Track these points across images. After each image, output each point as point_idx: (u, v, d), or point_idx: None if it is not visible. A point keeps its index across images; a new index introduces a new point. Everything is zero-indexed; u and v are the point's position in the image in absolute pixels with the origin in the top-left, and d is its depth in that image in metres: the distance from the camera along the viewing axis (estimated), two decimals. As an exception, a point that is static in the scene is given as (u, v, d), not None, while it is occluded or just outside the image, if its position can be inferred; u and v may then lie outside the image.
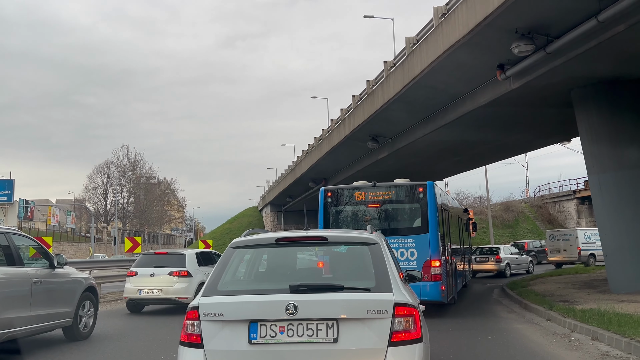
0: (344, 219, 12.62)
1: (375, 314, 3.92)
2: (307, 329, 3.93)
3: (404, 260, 11.44)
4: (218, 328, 4.00)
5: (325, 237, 4.68)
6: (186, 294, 12.79)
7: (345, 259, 4.81)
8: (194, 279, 13.17)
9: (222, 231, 54.25)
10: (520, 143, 22.95)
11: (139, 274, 13.36)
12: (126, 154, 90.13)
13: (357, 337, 3.91)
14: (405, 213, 12.54)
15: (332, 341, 3.90)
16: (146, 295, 13.10)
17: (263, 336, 3.94)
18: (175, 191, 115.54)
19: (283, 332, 3.94)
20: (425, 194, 11.94)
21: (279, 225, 52.22)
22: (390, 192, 12.52)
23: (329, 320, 3.94)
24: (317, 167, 30.89)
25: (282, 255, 4.77)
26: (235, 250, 4.62)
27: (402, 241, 11.72)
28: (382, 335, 3.90)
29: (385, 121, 20.41)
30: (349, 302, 4.01)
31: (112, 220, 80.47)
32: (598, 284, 16.77)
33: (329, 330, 3.92)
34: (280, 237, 4.62)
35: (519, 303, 13.58)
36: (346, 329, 3.92)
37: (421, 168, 28.62)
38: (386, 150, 23.42)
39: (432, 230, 11.73)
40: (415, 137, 20.41)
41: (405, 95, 16.91)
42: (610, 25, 10.34)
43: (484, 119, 17.93)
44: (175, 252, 14.57)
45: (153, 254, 14.68)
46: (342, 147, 25.05)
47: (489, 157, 27.20)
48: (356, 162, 27.60)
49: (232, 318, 4.00)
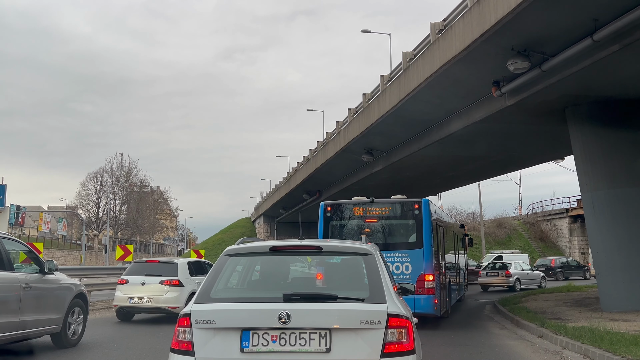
0: (342, 233, 12.90)
1: (369, 325, 3.84)
2: (300, 339, 3.85)
3: (399, 274, 11.68)
4: (210, 336, 3.91)
5: (319, 247, 4.54)
6: (177, 304, 12.63)
7: (339, 269, 4.77)
8: (185, 288, 13.03)
9: (215, 241, 53.99)
10: (514, 160, 23.07)
11: (130, 282, 13.24)
12: (120, 162, 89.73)
13: (350, 347, 3.83)
14: (401, 228, 12.79)
15: (325, 351, 3.81)
16: (136, 303, 12.96)
17: (255, 344, 3.85)
18: (168, 200, 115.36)
19: (275, 341, 3.85)
20: (420, 211, 12.25)
21: (272, 237, 52.06)
22: (387, 208, 12.77)
23: (322, 330, 3.85)
24: (311, 179, 30.91)
25: (276, 263, 4.66)
26: (229, 258, 4.53)
27: (398, 255, 11.99)
28: (375, 346, 3.81)
29: (381, 135, 20.47)
30: (343, 312, 3.93)
31: (104, 228, 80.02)
32: (590, 302, 16.78)
33: (321, 340, 3.84)
34: (275, 246, 4.53)
35: (511, 320, 13.56)
36: (339, 339, 3.84)
37: (415, 182, 28.70)
38: (381, 163, 23.47)
39: (426, 246, 12.04)
40: (410, 151, 20.47)
41: (401, 109, 16.99)
42: (605, 45, 10.47)
43: (478, 135, 18.02)
44: (167, 261, 14.50)
45: (144, 262, 14.59)
46: (337, 160, 25.10)
47: (482, 174, 27.32)
48: (351, 174, 27.64)
49: (224, 326, 3.91)
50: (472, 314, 16.43)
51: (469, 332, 12.10)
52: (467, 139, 18.50)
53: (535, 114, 15.12)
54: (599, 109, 13.92)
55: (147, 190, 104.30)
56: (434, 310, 11.85)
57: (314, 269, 4.86)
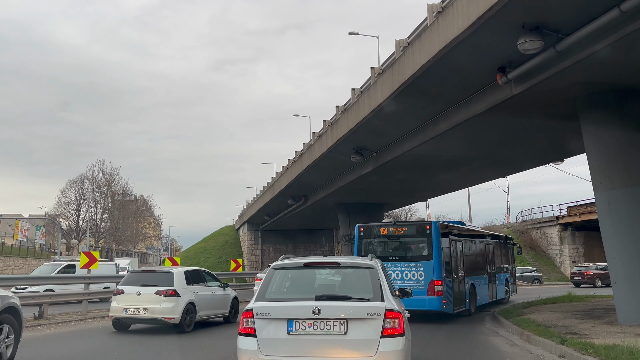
0: (371, 248, 15.96)
1: (372, 316, 5.63)
2: (327, 325, 5.61)
3: (415, 280, 14.75)
4: (266, 323, 5.69)
5: (338, 262, 6.49)
6: (173, 314, 12.52)
7: (352, 278, 6.40)
8: (181, 299, 12.81)
9: (197, 250, 52.13)
10: (513, 161, 21.69)
11: (126, 292, 12.90)
12: (101, 169, 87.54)
13: (360, 331, 5.60)
14: (416, 244, 15.67)
15: (344, 333, 5.59)
16: (132, 314, 12.68)
17: (297, 329, 5.63)
18: (152, 208, 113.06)
19: (310, 326, 5.62)
20: (430, 230, 15.10)
21: (256, 245, 50.30)
22: (405, 229, 15.96)
23: (342, 319, 5.62)
24: (297, 183, 29.29)
25: (307, 274, 6.48)
26: (275, 271, 6.35)
27: (413, 266, 15.00)
28: (376, 330, 5.57)
29: (371, 132, 18.99)
30: (355, 308, 5.72)
31: (84, 236, 77.62)
32: (600, 313, 15.34)
33: (341, 326, 5.61)
34: (307, 262, 6.45)
35: (519, 334, 12.04)
36: (353, 325, 5.61)
37: (406, 186, 27.26)
38: (370, 165, 21.97)
39: (435, 258, 14.86)
40: (402, 150, 18.99)
41: (394, 102, 15.52)
42: (634, 17, 9.05)
43: (477, 132, 16.63)
44: (163, 271, 14.13)
45: (141, 271, 14.50)
46: (324, 161, 23.53)
47: (477, 177, 25.94)
48: (338, 177, 26.10)
49: (276, 317, 5.70)
50: (473, 327, 14.90)
51: (477, 350, 10.61)
52: (464, 136, 17.10)
53: (543, 106, 13.73)
54: (617, 100, 12.51)
55: (130, 198, 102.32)
56: (443, 308, 14.73)
57: (333, 278, 6.68)
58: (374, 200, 31.87)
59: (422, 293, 14.47)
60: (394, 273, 14.96)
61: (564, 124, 14.96)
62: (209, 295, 14.23)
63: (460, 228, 17.83)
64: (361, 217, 33.14)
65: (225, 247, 53.72)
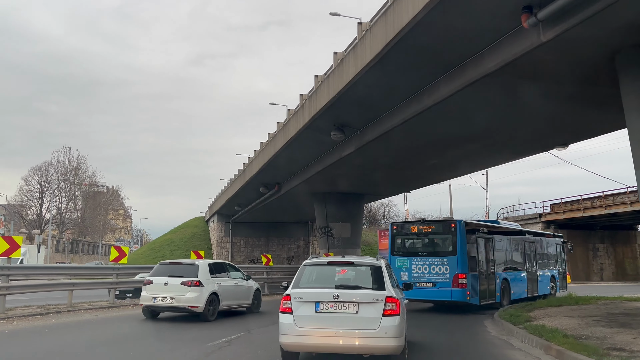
0: (403, 244, 17.43)
1: (376, 301, 7.66)
2: (343, 306, 7.65)
3: (441, 273, 16.06)
4: (300, 304, 7.76)
5: (352, 262, 8.77)
6: (197, 303, 13.58)
7: (362, 273, 8.58)
8: (205, 289, 13.85)
9: (163, 242, 48.80)
10: (513, 144, 19.09)
11: (155, 282, 13.98)
12: (68, 156, 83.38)
13: (367, 311, 7.62)
14: (442, 240, 16.80)
15: (355, 313, 7.62)
16: (160, 303, 13.77)
17: (322, 309, 7.70)
18: (122, 199, 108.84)
19: (332, 307, 7.67)
20: (455, 228, 16.24)
21: (226, 238, 47.12)
22: (433, 226, 17.14)
23: (354, 302, 7.66)
24: (269, 168, 26.32)
25: (329, 270, 8.63)
26: (306, 267, 8.54)
27: (440, 260, 16.19)
28: (379, 311, 7.58)
29: (355, 104, 16.17)
30: (364, 294, 7.81)
31: (47, 227, 73.44)
32: (625, 320, 12.87)
33: (354, 307, 7.64)
34: (330, 261, 8.87)
35: (545, 348, 9.39)
36: (362, 307, 7.64)
37: (390, 173, 24.55)
38: (353, 144, 19.16)
39: (459, 253, 15.99)
40: (391, 125, 16.20)
41: (385, 61, 12.69)
42: None
43: (481, 100, 14.01)
44: (189, 263, 15.14)
45: (169, 263, 15.31)
46: (300, 141, 20.62)
47: (469, 163, 23.31)
48: (316, 160, 23.22)
49: (307, 300, 7.78)
50: (475, 334, 12.27)
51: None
52: (465, 107, 14.44)
53: (573, 61, 11.09)
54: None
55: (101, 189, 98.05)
56: (467, 299, 15.91)
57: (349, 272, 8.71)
58: (353, 189, 29.10)
59: (447, 285, 15.97)
60: (422, 267, 16.51)
61: (591, 91, 12.39)
62: (231, 286, 15.25)
63: (491, 226, 18.92)
64: (339, 209, 30.39)
65: (193, 239, 50.44)
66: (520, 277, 19.83)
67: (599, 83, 11.62)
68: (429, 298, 16.58)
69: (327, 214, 30.18)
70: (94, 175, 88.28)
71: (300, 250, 49.58)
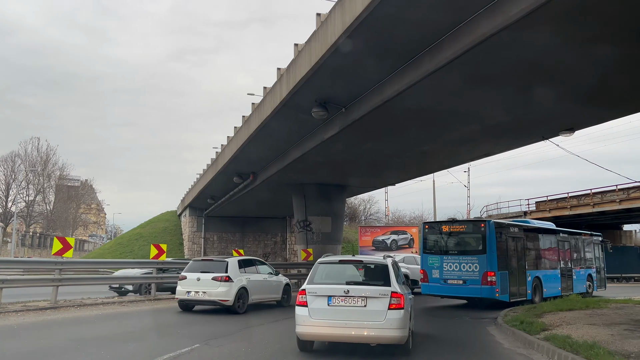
0: (435, 243, 18.11)
1: (383, 296, 8.48)
2: (353, 300, 8.49)
3: (471, 271, 16.89)
4: (314, 298, 8.64)
5: (362, 260, 9.78)
6: (227, 297, 14.55)
7: (370, 270, 9.44)
8: (234, 284, 14.79)
9: (131, 237, 45.87)
10: (520, 127, 16.93)
11: (188, 278, 15.03)
12: (36, 147, 79.76)
13: (374, 304, 8.44)
14: (472, 240, 17.44)
15: (364, 306, 8.45)
16: (193, 297, 14.82)
17: (334, 302, 8.55)
18: (95, 193, 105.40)
19: (342, 301, 8.52)
20: (485, 228, 16.85)
21: (199, 233, 44.39)
22: (463, 226, 18.06)
23: (362, 297, 8.50)
24: (243, 155, 23.85)
25: (341, 267, 9.65)
26: (319, 265, 9.44)
27: (470, 259, 17.03)
28: (385, 305, 8.39)
29: (341, 74, 13.84)
30: (371, 289, 8.64)
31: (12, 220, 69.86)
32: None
33: (362, 301, 8.48)
34: (341, 259, 9.94)
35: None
36: (370, 301, 8.47)
37: (376, 160, 22.31)
38: (337, 124, 16.85)
39: (489, 252, 16.66)
40: (381, 99, 13.90)
41: (375, 15, 10.40)
42: None
43: (491, 67, 11.79)
44: (219, 259, 16.09)
45: (201, 260, 16.68)
46: (277, 121, 18.22)
47: (463, 150, 21.13)
48: (295, 145, 20.86)
49: (321, 294, 8.66)
50: (489, 350, 10.08)
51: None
52: (471, 74, 12.23)
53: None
54: None
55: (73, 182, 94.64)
56: (496, 296, 16.47)
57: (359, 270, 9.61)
58: (335, 180, 26.81)
59: (477, 282, 16.62)
60: (453, 265, 17.23)
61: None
62: (260, 281, 16.12)
63: (522, 225, 19.39)
64: (320, 201, 28.06)
65: (164, 234, 47.63)
66: (553, 275, 20.31)
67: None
68: (459, 294, 17.66)
69: (306, 206, 27.85)
70: (65, 167, 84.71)
71: (278, 246, 47.18)
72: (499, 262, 16.70)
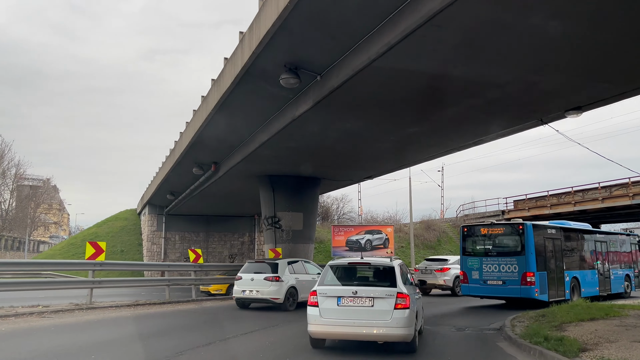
0: (474, 245, 19.19)
1: (389, 296, 9.15)
2: (361, 300, 9.21)
3: (510, 272, 17.66)
4: (324, 299, 9.39)
5: (369, 263, 10.32)
6: (277, 295, 16.62)
7: (378, 272, 10.28)
8: (284, 283, 16.83)
9: (86, 237, 42.08)
10: (524, 102, 14.38)
11: (243, 278, 17.35)
12: (-10, 143, 74.72)
13: (381, 304, 9.12)
14: (511, 242, 18.24)
15: (371, 306, 9.15)
16: (247, 295, 17.13)
17: (343, 303, 9.27)
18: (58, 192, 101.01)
19: (351, 301, 9.23)
20: (523, 230, 17.75)
21: (159, 232, 40.84)
22: (502, 229, 18.63)
23: (370, 297, 9.22)
24: (202, 141, 20.76)
25: (349, 269, 10.45)
26: (330, 267, 10.32)
27: (509, 260, 17.79)
28: (391, 304, 9.07)
29: (318, 25, 11.01)
30: (378, 290, 9.35)
31: (-41, 220, 65.01)
32: None
33: (369, 301, 9.19)
34: (350, 262, 10.43)
35: None
36: (377, 301, 9.17)
37: (356, 145, 19.50)
38: (311, 96, 14.00)
39: (527, 253, 17.48)
40: (368, 58, 11.05)
41: None
42: None
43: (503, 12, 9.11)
44: (271, 261, 18.09)
45: (254, 262, 18.66)
46: (240, 95, 15.24)
47: (457, 134, 18.51)
48: (261, 128, 17.90)
49: (330, 295, 9.41)
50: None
51: None
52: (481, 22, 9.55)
53: None
54: None
55: (33, 181, 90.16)
56: (535, 295, 17.16)
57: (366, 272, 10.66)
58: (308, 171, 23.91)
59: (516, 283, 17.12)
60: (492, 266, 17.87)
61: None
62: (309, 280, 17.35)
63: (560, 227, 19.75)
64: (290, 195, 25.10)
65: (121, 233, 43.94)
66: (590, 276, 20.75)
67: None
68: (498, 295, 18.22)
69: (274, 201, 24.91)
70: (21, 164, 79.78)
71: (245, 247, 44.05)
72: (538, 263, 17.42)
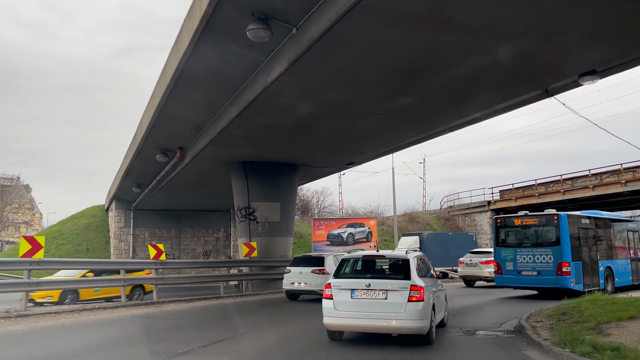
0: (507, 236, 19.08)
1: (403, 289, 9.13)
2: (375, 293, 9.24)
3: (545, 262, 17.81)
4: (338, 291, 9.49)
5: (384, 255, 10.42)
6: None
7: (392, 265, 10.39)
8: (330, 276, 16.90)
9: (48, 235, 39.05)
10: (549, 69, 12.20)
11: (292, 271, 18.29)
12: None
13: (395, 297, 9.11)
14: (545, 232, 18.33)
15: (384, 299, 9.15)
16: (296, 287, 18.19)
17: (357, 295, 9.34)
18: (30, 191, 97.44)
19: (365, 294, 9.30)
20: (558, 220, 17.85)
21: (127, 229, 37.94)
22: (536, 220, 18.57)
23: (383, 290, 9.24)
24: (164, 120, 18.18)
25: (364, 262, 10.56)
26: (344, 260, 10.47)
27: (544, 250, 17.96)
28: (405, 297, 9.05)
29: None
30: (392, 282, 9.34)
31: None
32: None
33: (383, 294, 9.20)
34: (365, 254, 10.64)
35: None
36: (390, 294, 9.16)
37: (342, 120, 17.17)
38: (285, 55, 11.58)
39: (562, 244, 17.61)
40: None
41: None
42: None
43: None
44: (317, 255, 19.41)
45: (302, 256, 19.31)
46: (201, 59, 12.71)
47: (453, 106, 16.29)
48: (230, 102, 15.41)
49: (344, 288, 9.50)
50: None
51: None
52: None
53: None
54: None
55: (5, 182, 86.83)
56: (570, 285, 17.17)
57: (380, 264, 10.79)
58: (285, 156, 21.55)
59: (551, 273, 17.54)
60: (527, 257, 18.20)
61: None
62: None
63: (593, 217, 19.74)
64: (266, 184, 22.59)
65: (87, 231, 40.99)
66: (624, 265, 20.94)
67: None
68: (533, 285, 18.26)
69: (248, 190, 22.47)
70: (-17, 160, 76.01)
71: (220, 243, 41.48)
72: (573, 253, 17.53)
